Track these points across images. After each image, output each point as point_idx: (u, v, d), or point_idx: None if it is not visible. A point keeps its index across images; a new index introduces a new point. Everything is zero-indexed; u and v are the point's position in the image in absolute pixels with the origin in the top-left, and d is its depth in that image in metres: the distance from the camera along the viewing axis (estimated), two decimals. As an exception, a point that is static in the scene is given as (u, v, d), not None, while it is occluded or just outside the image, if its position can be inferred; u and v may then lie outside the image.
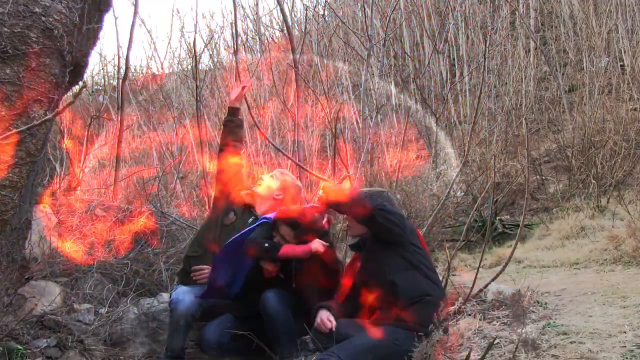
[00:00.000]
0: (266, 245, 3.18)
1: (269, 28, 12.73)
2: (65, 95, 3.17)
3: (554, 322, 3.57)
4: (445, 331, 2.64)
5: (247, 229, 3.36)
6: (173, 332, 3.29)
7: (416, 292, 2.74)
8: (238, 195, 3.71)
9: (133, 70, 11.09)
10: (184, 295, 3.30)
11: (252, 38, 12.33)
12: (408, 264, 2.75)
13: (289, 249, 3.13)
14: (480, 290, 4.22)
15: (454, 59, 11.26)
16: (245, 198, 3.71)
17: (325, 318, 2.81)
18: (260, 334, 3.10)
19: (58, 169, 7.52)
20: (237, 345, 3.21)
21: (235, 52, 6.39)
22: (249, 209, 3.72)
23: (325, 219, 3.23)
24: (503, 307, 3.91)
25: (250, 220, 3.63)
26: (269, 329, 3.05)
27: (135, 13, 5.50)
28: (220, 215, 3.70)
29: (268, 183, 3.65)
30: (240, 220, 3.66)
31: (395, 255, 2.77)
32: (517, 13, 11.04)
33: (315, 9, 12.11)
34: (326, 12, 12.27)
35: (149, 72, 11.42)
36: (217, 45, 12.00)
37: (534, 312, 3.79)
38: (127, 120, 8.59)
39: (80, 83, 3.23)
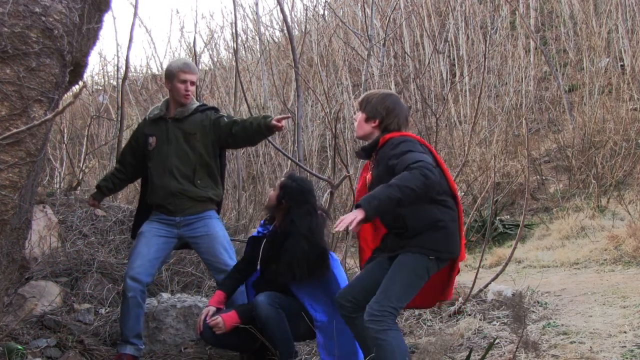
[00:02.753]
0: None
1: (269, 28, 12.75)
2: (65, 95, 3.17)
3: (554, 322, 3.57)
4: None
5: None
6: None
7: (426, 219, 2.64)
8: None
9: (133, 70, 11.10)
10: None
11: (252, 38, 12.33)
12: None
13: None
14: (480, 290, 4.23)
15: (454, 59, 11.25)
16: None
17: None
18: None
19: (58, 169, 7.53)
20: (236, 340, 3.20)
21: (235, 52, 6.40)
22: (163, 118, 3.58)
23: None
24: (503, 307, 3.91)
25: (169, 124, 3.53)
26: (265, 334, 3.05)
27: (135, 13, 5.51)
28: (140, 146, 3.61)
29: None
30: (161, 135, 3.54)
31: None
32: (517, 13, 11.04)
33: (315, 9, 12.12)
34: (326, 12, 12.28)
35: (149, 72, 11.42)
36: (217, 45, 12.00)
37: (534, 312, 3.80)
38: (127, 120, 8.58)
39: (80, 83, 3.23)
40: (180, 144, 3.51)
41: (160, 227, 3.52)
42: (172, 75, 3.53)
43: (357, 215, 2.40)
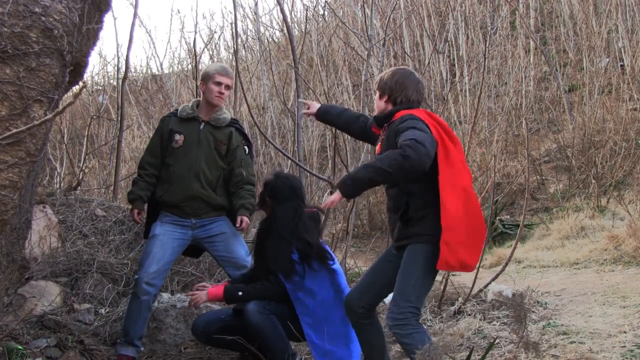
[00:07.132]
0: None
1: (269, 28, 12.73)
2: (65, 95, 3.17)
3: (554, 322, 3.57)
4: None
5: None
6: None
7: (427, 198, 2.63)
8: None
9: (133, 70, 11.09)
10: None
11: (252, 38, 12.32)
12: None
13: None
14: (480, 290, 4.23)
15: (454, 59, 11.25)
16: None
17: None
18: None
19: (58, 169, 7.53)
20: (228, 339, 3.19)
21: (235, 52, 6.40)
22: (195, 118, 3.58)
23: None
24: (503, 307, 3.91)
25: (202, 127, 3.54)
26: (259, 341, 3.04)
27: (135, 13, 5.51)
28: (165, 143, 3.58)
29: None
30: (190, 135, 3.55)
31: None
32: (517, 13, 11.04)
33: (315, 9, 12.10)
34: (326, 12, 12.27)
35: (149, 72, 11.42)
36: (217, 46, 11.99)
37: (534, 312, 3.79)
38: (127, 120, 8.58)
39: (80, 83, 3.23)
40: (210, 149, 3.53)
41: (174, 229, 3.51)
42: (207, 77, 3.56)
43: (335, 197, 2.55)
